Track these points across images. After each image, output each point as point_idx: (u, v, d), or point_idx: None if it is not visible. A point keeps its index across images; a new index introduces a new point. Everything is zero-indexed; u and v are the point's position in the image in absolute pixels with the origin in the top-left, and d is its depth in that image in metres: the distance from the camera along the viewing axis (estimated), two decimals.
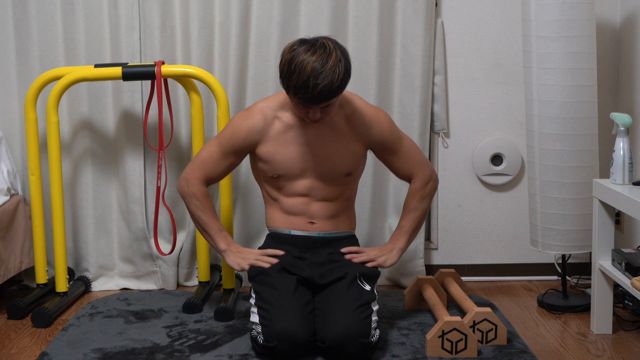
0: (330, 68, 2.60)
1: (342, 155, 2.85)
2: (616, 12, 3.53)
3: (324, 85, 2.59)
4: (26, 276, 3.56)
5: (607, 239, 2.98)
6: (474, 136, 3.60)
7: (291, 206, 2.88)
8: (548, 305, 3.28)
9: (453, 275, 3.25)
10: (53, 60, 3.45)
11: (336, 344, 2.63)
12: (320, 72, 2.59)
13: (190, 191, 2.91)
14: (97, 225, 3.57)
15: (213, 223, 2.92)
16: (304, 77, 2.59)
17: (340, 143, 2.84)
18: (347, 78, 2.67)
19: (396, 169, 2.98)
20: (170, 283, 3.55)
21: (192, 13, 3.43)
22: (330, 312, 2.69)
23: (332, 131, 2.83)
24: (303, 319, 2.68)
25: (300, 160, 2.83)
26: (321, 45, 2.65)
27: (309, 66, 2.59)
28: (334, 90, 2.63)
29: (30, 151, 3.29)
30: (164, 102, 3.31)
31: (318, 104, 2.65)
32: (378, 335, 2.73)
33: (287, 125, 2.83)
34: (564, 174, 3.16)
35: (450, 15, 3.54)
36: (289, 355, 2.66)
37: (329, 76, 2.60)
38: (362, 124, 2.86)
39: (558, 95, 3.12)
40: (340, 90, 2.66)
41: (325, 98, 2.64)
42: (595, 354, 2.85)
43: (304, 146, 2.82)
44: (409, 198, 2.98)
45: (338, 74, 2.62)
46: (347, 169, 2.87)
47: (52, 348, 2.86)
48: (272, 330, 2.65)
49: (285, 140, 2.82)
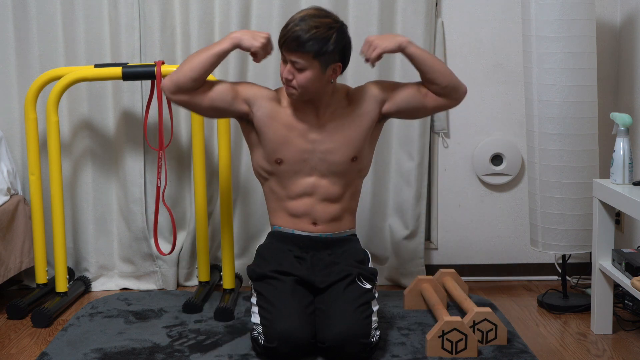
0: (316, 24, 2.68)
1: (345, 138, 2.82)
2: (616, 12, 3.53)
3: (300, 30, 2.65)
4: (26, 276, 3.56)
5: (607, 239, 2.98)
6: (474, 136, 3.60)
7: (295, 208, 2.86)
8: (548, 305, 3.28)
9: (453, 275, 3.25)
10: (53, 60, 3.45)
11: (336, 344, 2.63)
12: (306, 21, 2.68)
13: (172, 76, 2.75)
14: (97, 225, 3.57)
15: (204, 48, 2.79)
16: (294, 18, 2.71)
17: (343, 131, 2.82)
18: (328, 46, 2.67)
19: (419, 94, 2.86)
20: (170, 283, 3.55)
21: (192, 13, 3.43)
22: (331, 313, 2.69)
23: (334, 122, 2.82)
24: (304, 320, 2.68)
25: (303, 151, 2.81)
26: (328, 12, 2.76)
27: (301, 13, 2.72)
28: (305, 40, 2.65)
29: (30, 151, 3.29)
30: (164, 102, 3.31)
31: (289, 50, 2.68)
32: (378, 335, 2.73)
33: (292, 110, 2.81)
34: (564, 174, 3.16)
35: (450, 15, 3.54)
36: (290, 356, 2.66)
37: (310, 29, 2.66)
38: (359, 91, 2.87)
39: (558, 95, 3.12)
40: (312, 46, 2.66)
41: (297, 45, 2.65)
42: (595, 354, 2.85)
43: (307, 134, 2.81)
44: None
45: (321, 33, 2.67)
46: (352, 152, 2.83)
47: (52, 348, 2.86)
48: (273, 331, 2.64)
49: (288, 123, 2.80)
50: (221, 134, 3.24)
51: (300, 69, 2.70)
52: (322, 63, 2.70)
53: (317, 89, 2.75)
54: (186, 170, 3.56)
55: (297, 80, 2.71)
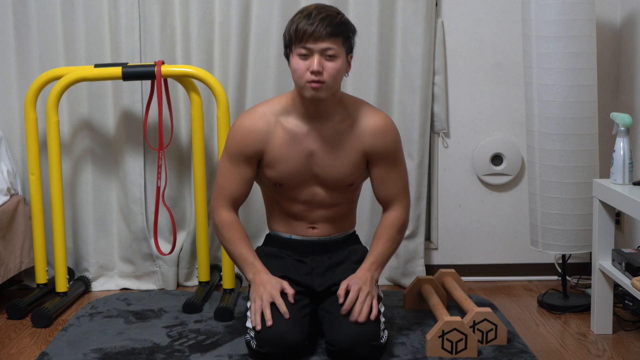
0: (335, 11, 2.64)
1: (344, 165, 2.77)
2: (616, 12, 3.53)
3: (326, 15, 2.59)
4: (26, 276, 3.56)
5: (607, 239, 2.98)
6: (474, 136, 3.60)
7: (292, 211, 2.85)
8: (548, 305, 3.28)
9: (453, 275, 3.25)
10: (53, 60, 3.45)
11: (347, 347, 2.60)
12: (324, 7, 2.64)
13: (214, 222, 2.83)
14: (97, 225, 3.57)
15: (241, 254, 2.79)
16: (308, 10, 2.62)
17: (343, 152, 2.75)
18: (352, 27, 2.67)
19: (381, 188, 2.82)
20: (170, 283, 3.55)
21: (192, 13, 3.43)
22: (340, 315, 2.66)
23: (336, 139, 2.75)
24: (296, 323, 2.64)
25: (303, 170, 2.76)
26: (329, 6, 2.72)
27: (310, 8, 2.64)
28: (336, 23, 2.59)
29: (30, 151, 3.29)
30: (164, 102, 3.31)
31: (318, 39, 2.57)
32: (387, 336, 2.71)
33: (290, 132, 2.74)
34: (564, 174, 3.16)
35: (450, 15, 3.54)
36: (283, 359, 2.63)
37: (332, 13, 2.62)
38: (367, 132, 2.76)
39: (558, 95, 3.12)
40: (346, 28, 2.63)
41: (330, 30, 2.57)
42: (595, 354, 2.85)
43: (308, 156, 2.75)
44: (388, 226, 2.82)
45: (342, 16, 2.64)
46: (349, 180, 2.80)
47: (52, 348, 2.86)
48: (264, 335, 2.61)
49: (288, 148, 2.74)
50: (221, 134, 3.24)
51: (331, 57, 2.60)
52: (347, 50, 2.66)
53: (339, 83, 2.68)
54: (186, 170, 3.56)
55: (327, 72, 2.60)
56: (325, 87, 2.62)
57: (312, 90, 2.62)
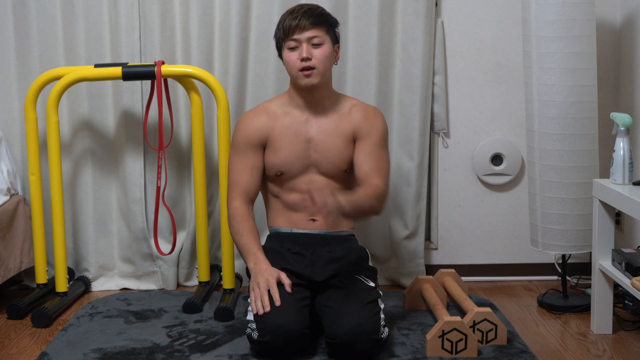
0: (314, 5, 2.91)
1: (339, 150, 2.92)
2: (616, 12, 3.53)
3: (308, 9, 2.84)
4: (26, 276, 3.56)
5: (607, 239, 2.98)
6: (474, 136, 3.60)
7: (292, 202, 2.92)
8: (548, 305, 3.28)
9: (453, 275, 3.25)
10: (53, 60, 3.45)
11: (348, 339, 2.63)
12: (305, 4, 2.90)
13: (228, 215, 2.94)
14: (97, 225, 3.57)
15: (246, 244, 2.85)
16: (291, 9, 2.87)
17: (337, 139, 2.92)
18: (332, 18, 2.90)
19: (364, 161, 2.89)
20: (170, 283, 3.55)
21: (192, 13, 3.43)
22: (341, 309, 2.69)
23: (331, 125, 2.92)
24: (296, 312, 2.68)
25: (302, 157, 2.91)
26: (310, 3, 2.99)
27: (296, 5, 2.93)
28: (317, 14, 2.84)
29: (30, 151, 3.29)
30: (164, 102, 3.31)
31: (304, 28, 2.81)
32: (387, 332, 2.74)
33: (290, 121, 2.93)
34: (564, 174, 3.16)
35: (450, 15, 3.54)
36: (284, 349, 2.66)
37: (313, 7, 2.88)
38: (359, 114, 2.95)
39: (558, 95, 3.12)
40: (326, 19, 2.86)
41: (312, 20, 2.81)
42: (595, 354, 2.85)
43: (306, 142, 2.92)
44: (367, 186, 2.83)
45: (322, 9, 2.90)
46: (344, 164, 2.93)
47: (52, 348, 2.86)
48: (265, 325, 2.65)
49: (289, 135, 2.91)
50: (221, 134, 3.24)
51: (317, 44, 2.83)
52: (332, 39, 2.88)
53: (329, 69, 2.88)
54: (186, 170, 3.56)
55: (316, 57, 2.82)
56: (316, 72, 2.84)
57: (305, 77, 2.84)
